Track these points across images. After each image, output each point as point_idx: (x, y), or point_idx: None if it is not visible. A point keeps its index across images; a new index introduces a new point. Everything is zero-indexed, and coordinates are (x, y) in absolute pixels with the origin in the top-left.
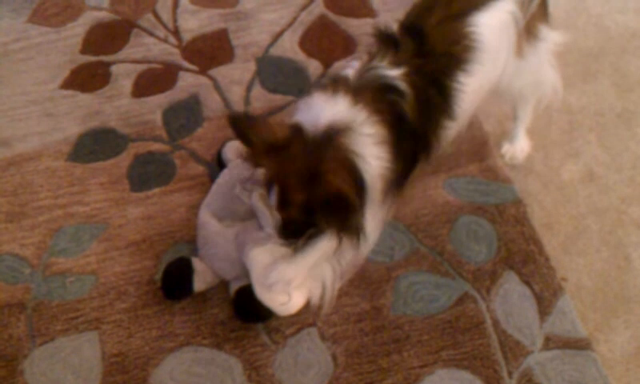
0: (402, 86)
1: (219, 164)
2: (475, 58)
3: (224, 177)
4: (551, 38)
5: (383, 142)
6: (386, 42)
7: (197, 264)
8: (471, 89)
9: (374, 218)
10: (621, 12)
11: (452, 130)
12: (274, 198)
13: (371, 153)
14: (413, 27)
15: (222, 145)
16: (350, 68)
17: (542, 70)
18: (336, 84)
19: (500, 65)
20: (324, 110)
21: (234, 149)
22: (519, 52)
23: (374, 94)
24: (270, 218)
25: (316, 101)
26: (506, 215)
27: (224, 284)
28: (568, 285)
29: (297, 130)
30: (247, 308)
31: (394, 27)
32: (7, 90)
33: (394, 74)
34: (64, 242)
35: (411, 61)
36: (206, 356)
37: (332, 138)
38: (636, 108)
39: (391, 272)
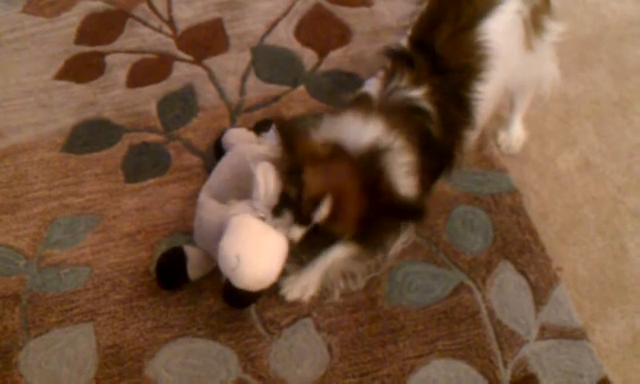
0: (427, 106)
1: (217, 152)
2: (489, 65)
3: (227, 159)
4: (555, 29)
5: (414, 172)
6: (400, 59)
7: (190, 251)
8: (488, 95)
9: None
10: (618, 0)
11: (472, 138)
12: (324, 211)
13: (402, 183)
14: (423, 44)
15: (222, 132)
16: (368, 85)
17: (545, 64)
18: (366, 105)
19: (512, 64)
20: (362, 131)
21: (235, 135)
22: (528, 45)
23: (404, 118)
24: (262, 192)
25: (351, 121)
26: (502, 205)
27: (219, 275)
28: (564, 274)
29: (338, 148)
30: (235, 292)
31: (404, 43)
32: (1, 81)
33: (418, 94)
34: (59, 233)
35: (430, 79)
36: (201, 347)
37: (377, 157)
38: (633, 96)
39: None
